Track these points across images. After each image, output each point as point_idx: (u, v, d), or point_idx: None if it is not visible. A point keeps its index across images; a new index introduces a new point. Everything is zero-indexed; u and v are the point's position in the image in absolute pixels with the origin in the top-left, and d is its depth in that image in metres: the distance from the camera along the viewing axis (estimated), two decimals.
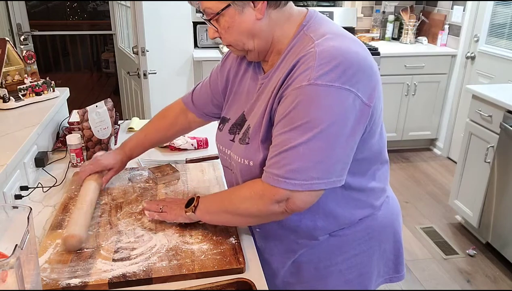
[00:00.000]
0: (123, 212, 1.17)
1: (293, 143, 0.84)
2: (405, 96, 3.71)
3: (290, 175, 0.85)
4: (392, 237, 1.13)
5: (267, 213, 0.92)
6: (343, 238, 1.04)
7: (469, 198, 2.64)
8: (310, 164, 0.84)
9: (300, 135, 0.84)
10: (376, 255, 1.10)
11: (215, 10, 0.90)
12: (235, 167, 1.03)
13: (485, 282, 2.32)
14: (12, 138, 1.33)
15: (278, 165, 0.86)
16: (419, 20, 3.96)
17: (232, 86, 1.10)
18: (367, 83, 0.86)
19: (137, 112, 3.06)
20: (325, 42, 0.86)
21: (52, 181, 1.37)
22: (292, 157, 0.85)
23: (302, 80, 0.84)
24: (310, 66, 0.84)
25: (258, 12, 0.89)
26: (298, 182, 0.85)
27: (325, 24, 0.93)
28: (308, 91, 0.83)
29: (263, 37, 0.93)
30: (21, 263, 0.70)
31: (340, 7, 3.97)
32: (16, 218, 0.84)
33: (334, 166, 0.86)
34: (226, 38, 0.94)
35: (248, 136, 0.97)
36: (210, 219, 1.05)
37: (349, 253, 1.06)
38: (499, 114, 2.33)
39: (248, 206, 0.94)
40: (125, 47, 3.22)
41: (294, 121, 0.85)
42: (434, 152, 3.98)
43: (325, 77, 0.82)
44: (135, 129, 1.81)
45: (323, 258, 1.06)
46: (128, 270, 0.94)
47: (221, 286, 0.92)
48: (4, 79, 1.63)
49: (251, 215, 0.95)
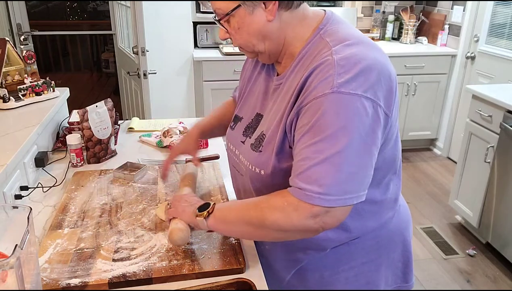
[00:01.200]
0: (123, 212, 1.17)
1: (325, 155, 0.80)
2: (405, 96, 3.71)
3: (324, 190, 0.80)
4: (401, 246, 1.09)
5: (299, 228, 0.84)
6: (351, 247, 1.01)
7: (469, 198, 2.64)
8: (343, 175, 0.80)
9: (330, 147, 0.79)
10: (384, 264, 1.07)
11: (225, 11, 0.88)
12: (245, 172, 1.00)
13: (485, 282, 2.32)
14: (12, 138, 1.33)
15: (310, 179, 0.81)
16: (419, 20, 3.96)
17: (247, 86, 1.10)
18: (386, 91, 0.84)
19: (137, 112, 3.06)
20: (343, 49, 0.84)
21: (52, 181, 1.37)
22: (324, 171, 0.80)
23: (324, 88, 0.80)
24: (330, 74, 0.81)
25: (269, 13, 0.87)
26: (333, 197, 0.80)
27: (342, 28, 0.90)
28: (333, 99, 0.79)
29: (274, 39, 0.90)
30: (21, 263, 0.70)
31: (340, 7, 3.97)
32: (16, 218, 0.84)
33: (364, 178, 0.84)
34: (237, 39, 0.92)
35: (262, 144, 0.95)
36: (224, 229, 0.95)
37: (357, 261, 1.03)
38: (499, 114, 2.33)
39: (278, 217, 0.84)
40: (125, 47, 3.22)
41: (321, 132, 0.80)
42: (434, 152, 3.98)
43: (347, 85, 0.79)
44: (135, 129, 1.81)
45: (330, 266, 1.04)
46: (128, 270, 0.94)
47: (221, 286, 0.92)
48: (4, 79, 1.63)
49: (279, 228, 0.85)
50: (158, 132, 1.72)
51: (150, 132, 1.76)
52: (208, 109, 3.42)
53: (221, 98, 3.41)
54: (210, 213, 0.93)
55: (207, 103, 3.41)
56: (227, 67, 3.34)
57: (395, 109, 0.88)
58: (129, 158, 1.49)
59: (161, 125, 1.82)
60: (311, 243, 0.99)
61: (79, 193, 1.27)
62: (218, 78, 3.37)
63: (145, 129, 1.82)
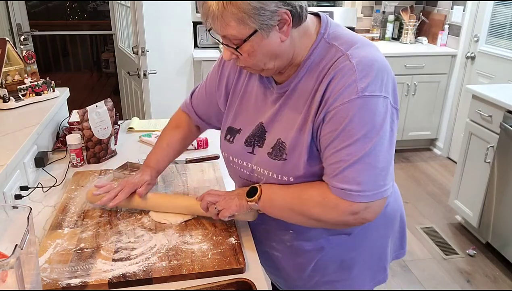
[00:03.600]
0: (123, 212, 1.17)
1: (358, 156, 0.86)
2: (405, 96, 3.70)
3: (362, 187, 0.87)
4: (399, 218, 1.19)
5: (339, 223, 0.93)
6: (365, 228, 1.06)
7: (469, 198, 2.64)
8: (377, 171, 0.87)
9: (363, 148, 0.86)
10: (390, 236, 1.17)
11: (240, 37, 0.85)
12: (264, 181, 1.02)
13: (485, 282, 2.32)
14: (12, 138, 1.33)
15: (347, 179, 0.87)
16: (419, 20, 3.96)
17: (235, 95, 1.08)
18: (392, 87, 0.91)
19: (137, 112, 3.06)
20: (356, 52, 0.89)
21: (52, 181, 1.37)
22: (359, 170, 0.86)
23: (350, 94, 0.85)
24: (353, 80, 0.86)
25: (283, 34, 0.87)
26: (371, 193, 0.87)
27: (343, 30, 0.95)
28: (359, 104, 0.85)
29: (284, 56, 0.91)
30: (21, 263, 0.70)
31: (340, 7, 3.97)
32: (16, 218, 0.84)
33: (391, 170, 0.92)
34: (248, 61, 0.90)
35: (285, 152, 0.96)
36: (271, 212, 1.01)
37: (371, 240, 1.11)
38: (499, 114, 2.33)
39: (319, 212, 0.93)
40: (125, 47, 3.22)
41: (353, 135, 0.86)
42: (434, 152, 3.98)
43: (370, 88, 0.85)
44: (135, 129, 1.81)
45: (349, 250, 1.09)
46: (128, 270, 0.94)
47: (221, 286, 0.92)
48: (4, 79, 1.63)
49: (320, 220, 0.94)
50: (158, 132, 1.72)
51: (150, 132, 1.76)
52: None
53: None
54: (260, 197, 1.00)
55: None
56: None
57: None
58: (129, 158, 1.49)
59: (161, 125, 1.82)
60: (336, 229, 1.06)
61: (79, 193, 1.27)
62: None
63: (145, 129, 1.82)
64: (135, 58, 2.76)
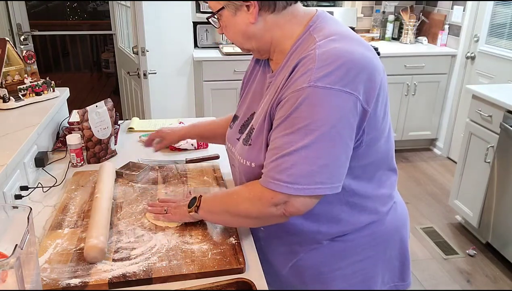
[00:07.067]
0: (123, 212, 1.17)
1: (294, 146, 0.83)
2: (405, 96, 3.71)
3: (292, 179, 0.84)
4: (398, 243, 1.10)
5: (266, 215, 0.92)
6: (347, 243, 1.03)
7: (469, 198, 2.64)
8: (314, 167, 0.83)
9: (301, 139, 0.82)
10: (381, 261, 1.08)
11: (213, 10, 0.95)
12: (238, 166, 1.03)
13: (485, 282, 2.32)
14: (12, 138, 1.33)
15: (279, 168, 0.85)
16: (419, 20, 3.96)
17: (246, 86, 1.13)
18: (369, 86, 0.84)
19: (137, 112, 3.06)
20: (328, 43, 0.85)
21: (52, 181, 1.37)
22: (293, 161, 0.83)
23: (302, 82, 0.83)
24: (309, 68, 0.83)
25: (250, 16, 0.90)
26: (301, 186, 0.84)
27: (331, 25, 0.92)
28: (309, 93, 0.81)
29: (259, 39, 0.94)
30: (21, 263, 0.69)
31: (340, 7, 3.97)
32: (16, 218, 0.84)
33: (339, 170, 0.86)
34: (226, 35, 0.99)
35: (251, 138, 0.97)
36: (212, 218, 1.06)
37: (354, 258, 1.04)
38: (499, 114, 2.33)
39: (247, 207, 0.93)
40: (125, 47, 3.22)
41: (294, 124, 0.83)
42: (434, 152, 3.99)
43: (325, 79, 0.81)
44: (135, 129, 1.81)
45: (327, 263, 1.05)
46: (128, 270, 0.94)
47: (221, 286, 0.92)
48: (4, 79, 1.63)
49: (251, 216, 0.95)
50: None
51: (150, 132, 1.76)
52: (208, 109, 3.42)
53: (221, 98, 3.41)
54: (198, 206, 1.03)
55: (207, 103, 3.41)
56: (227, 67, 3.34)
57: (381, 105, 0.90)
58: (129, 157, 1.49)
59: (161, 125, 1.82)
60: (304, 235, 1.02)
61: (79, 193, 1.27)
62: (218, 78, 3.37)
63: (145, 129, 1.82)
64: (135, 58, 2.76)
